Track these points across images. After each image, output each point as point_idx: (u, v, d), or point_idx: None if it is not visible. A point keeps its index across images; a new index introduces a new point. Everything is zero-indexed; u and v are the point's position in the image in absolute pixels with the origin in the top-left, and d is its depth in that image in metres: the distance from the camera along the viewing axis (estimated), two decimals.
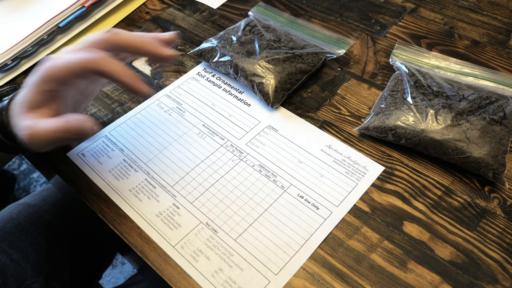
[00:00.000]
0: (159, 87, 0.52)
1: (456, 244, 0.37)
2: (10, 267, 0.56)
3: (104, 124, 0.48)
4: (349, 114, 0.48)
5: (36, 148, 0.36)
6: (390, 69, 0.52)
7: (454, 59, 0.50)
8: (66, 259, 0.64)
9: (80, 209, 0.50)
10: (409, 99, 0.44)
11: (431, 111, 0.43)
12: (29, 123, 0.34)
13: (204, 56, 0.53)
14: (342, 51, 0.52)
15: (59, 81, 0.35)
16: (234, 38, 0.52)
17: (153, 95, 0.50)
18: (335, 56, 0.52)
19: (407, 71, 0.47)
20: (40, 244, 0.60)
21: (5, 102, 0.38)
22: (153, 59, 0.39)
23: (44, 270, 0.58)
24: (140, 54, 0.38)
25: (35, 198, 0.67)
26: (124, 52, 0.38)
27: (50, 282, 0.57)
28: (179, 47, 0.56)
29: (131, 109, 0.49)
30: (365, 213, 0.40)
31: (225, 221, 0.39)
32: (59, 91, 0.36)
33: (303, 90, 0.50)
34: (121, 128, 0.47)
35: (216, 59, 0.51)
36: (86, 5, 0.58)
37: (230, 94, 0.50)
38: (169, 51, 0.38)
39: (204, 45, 0.53)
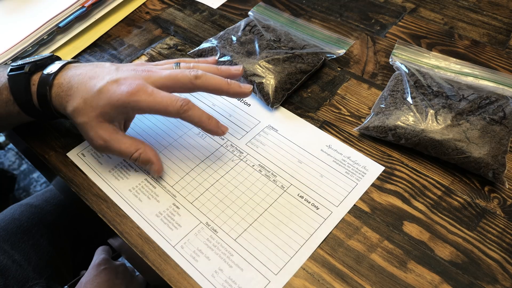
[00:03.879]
0: None
1: (456, 244, 0.37)
2: (11, 269, 0.56)
3: None
4: (349, 114, 0.48)
5: (97, 149, 0.42)
6: (390, 69, 0.52)
7: (454, 59, 0.50)
8: (68, 260, 0.64)
9: (80, 210, 0.50)
10: (409, 99, 0.44)
11: (431, 111, 0.43)
12: (107, 137, 0.40)
13: (204, 56, 0.52)
14: (342, 51, 0.52)
15: (139, 112, 0.40)
16: (234, 38, 0.52)
17: None
18: (335, 56, 0.52)
19: (407, 71, 0.47)
20: (42, 246, 0.60)
21: (50, 78, 0.40)
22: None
23: (46, 272, 0.58)
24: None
25: (38, 199, 0.66)
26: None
27: (51, 284, 0.57)
28: (179, 47, 0.56)
29: None
30: (365, 213, 0.40)
31: (225, 221, 0.39)
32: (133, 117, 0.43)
33: (303, 90, 0.50)
34: None
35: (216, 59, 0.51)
36: (86, 5, 0.58)
37: None
38: (249, 88, 0.43)
39: (204, 45, 0.53)
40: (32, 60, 0.42)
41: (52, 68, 0.41)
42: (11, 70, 0.41)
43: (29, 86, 0.40)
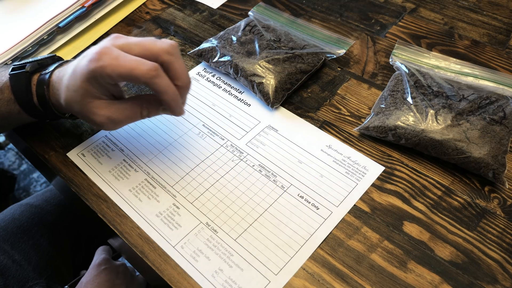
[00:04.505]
0: None
1: (456, 244, 0.37)
2: (11, 269, 0.56)
3: None
4: (349, 114, 0.48)
5: (109, 129, 0.41)
6: (390, 69, 0.52)
7: (454, 59, 0.50)
8: (68, 260, 0.64)
9: (80, 210, 0.50)
10: (409, 99, 0.44)
11: (431, 111, 0.43)
12: (107, 113, 0.38)
13: (204, 56, 0.53)
14: (342, 51, 0.52)
15: (108, 79, 0.36)
16: (234, 38, 0.52)
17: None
18: (335, 56, 0.52)
19: (407, 71, 0.47)
20: (42, 246, 0.60)
21: (46, 76, 0.40)
22: (170, 109, 0.39)
23: (46, 272, 0.58)
24: (166, 103, 0.38)
25: (38, 199, 0.66)
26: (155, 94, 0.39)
27: (52, 284, 0.57)
28: (179, 47, 0.56)
29: None
30: (365, 213, 0.40)
31: (225, 221, 0.39)
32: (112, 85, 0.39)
33: (303, 90, 0.50)
34: (121, 128, 0.47)
35: (216, 59, 0.51)
36: (86, 5, 0.58)
37: (230, 94, 0.50)
38: (182, 113, 0.40)
39: (204, 45, 0.53)
40: (34, 60, 0.42)
41: (50, 68, 0.41)
42: (13, 70, 0.41)
43: (30, 86, 0.40)
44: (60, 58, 0.44)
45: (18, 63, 0.42)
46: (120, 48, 0.36)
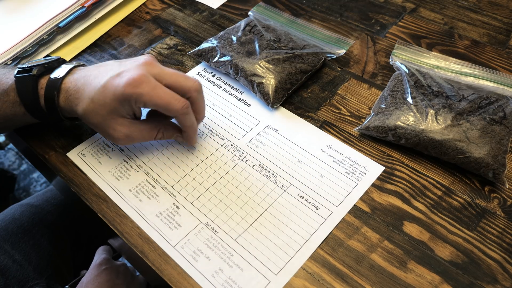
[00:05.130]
0: None
1: (456, 244, 0.37)
2: (12, 269, 0.56)
3: None
4: (349, 114, 0.48)
5: (121, 144, 0.44)
6: (390, 69, 0.52)
7: (454, 59, 0.50)
8: (69, 260, 0.64)
9: (80, 210, 0.50)
10: (409, 99, 0.44)
11: (431, 111, 0.43)
12: (126, 131, 0.40)
13: (204, 56, 0.53)
14: (342, 51, 0.52)
15: (142, 105, 0.39)
16: (234, 38, 0.52)
17: None
18: (335, 56, 0.52)
19: (407, 71, 0.47)
20: (43, 246, 0.60)
21: (58, 82, 0.40)
22: (186, 138, 0.43)
23: (46, 272, 0.58)
24: (186, 135, 0.43)
25: (38, 199, 0.66)
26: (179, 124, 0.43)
27: (52, 284, 0.57)
28: (179, 47, 0.56)
29: None
30: (365, 213, 0.40)
31: (225, 221, 0.39)
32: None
33: (303, 90, 0.50)
34: None
35: (216, 59, 0.51)
36: (86, 5, 0.58)
37: (230, 94, 0.50)
38: (194, 142, 0.44)
39: (204, 45, 0.53)
40: (40, 63, 0.42)
41: (59, 73, 0.41)
42: (19, 72, 0.41)
43: (37, 89, 0.41)
44: (64, 61, 0.44)
45: (23, 66, 0.42)
46: (154, 77, 0.39)
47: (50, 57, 0.44)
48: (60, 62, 0.43)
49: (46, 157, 0.45)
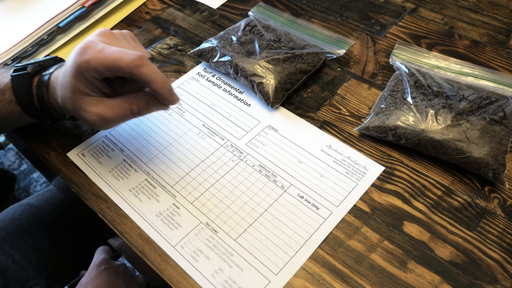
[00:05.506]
0: None
1: (456, 244, 0.37)
2: (11, 269, 0.56)
3: None
4: (349, 114, 0.48)
5: (101, 128, 0.43)
6: (390, 69, 0.52)
7: (454, 59, 0.50)
8: (68, 261, 0.64)
9: (80, 210, 0.50)
10: (409, 99, 0.44)
11: (431, 111, 0.43)
12: (96, 110, 0.37)
13: (204, 56, 0.53)
14: (342, 51, 0.52)
15: (94, 73, 0.36)
16: (234, 38, 0.52)
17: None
18: (335, 56, 0.52)
19: (407, 71, 0.47)
20: (42, 246, 0.60)
21: (46, 77, 0.40)
22: (161, 99, 0.38)
23: (46, 272, 0.58)
24: (156, 91, 0.37)
25: (38, 199, 0.66)
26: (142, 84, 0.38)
27: (52, 284, 0.57)
28: (179, 47, 0.56)
29: None
30: (365, 213, 0.40)
31: (225, 221, 0.39)
32: (100, 80, 0.38)
33: (303, 90, 0.50)
34: (121, 128, 0.47)
35: (216, 59, 0.51)
36: (86, 5, 0.58)
37: (230, 94, 0.50)
38: (176, 100, 0.38)
39: (204, 45, 0.53)
40: (36, 61, 0.42)
41: (50, 70, 0.41)
42: (15, 71, 0.41)
43: (31, 87, 0.41)
44: (61, 60, 0.44)
45: (19, 64, 0.42)
46: (104, 42, 0.36)
47: (48, 57, 0.44)
48: (56, 60, 0.43)
49: (46, 157, 0.45)
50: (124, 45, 0.38)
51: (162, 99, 0.38)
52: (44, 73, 0.41)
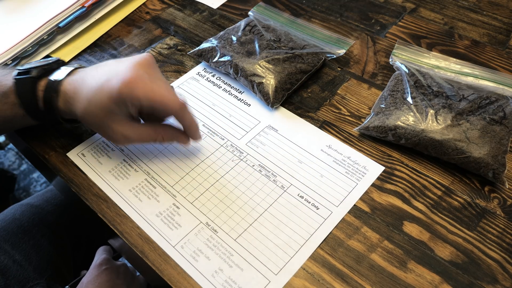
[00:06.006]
0: None
1: (456, 244, 0.37)
2: (12, 269, 0.56)
3: None
4: (349, 114, 0.48)
5: (119, 145, 0.45)
6: (390, 69, 0.52)
7: (454, 59, 0.50)
8: (69, 261, 0.64)
9: (80, 210, 0.50)
10: (409, 99, 0.44)
11: (431, 111, 0.43)
12: (124, 132, 0.40)
13: (204, 56, 0.53)
14: (342, 51, 0.52)
15: (138, 104, 0.38)
16: (234, 38, 0.52)
17: None
18: (335, 56, 0.52)
19: (407, 71, 0.47)
20: (43, 246, 0.60)
21: (57, 84, 0.40)
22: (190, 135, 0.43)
23: (46, 272, 0.58)
24: (190, 134, 0.42)
25: (39, 199, 0.66)
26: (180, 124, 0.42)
27: (52, 284, 0.57)
28: (179, 47, 0.56)
29: None
30: (365, 213, 0.40)
31: (225, 221, 0.39)
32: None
33: (303, 90, 0.50)
34: None
35: (216, 59, 0.51)
36: (86, 5, 0.58)
37: (230, 94, 0.50)
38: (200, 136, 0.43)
39: (204, 45, 0.53)
40: (39, 64, 0.42)
41: (58, 75, 0.41)
42: (18, 74, 0.41)
43: (36, 91, 0.41)
44: (64, 63, 0.44)
45: (22, 67, 0.42)
46: (151, 73, 0.39)
47: (49, 58, 0.44)
48: (59, 63, 0.43)
49: (46, 157, 0.45)
50: (160, 76, 0.40)
51: (192, 137, 0.42)
52: (51, 78, 0.41)
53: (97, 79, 0.39)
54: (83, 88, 0.39)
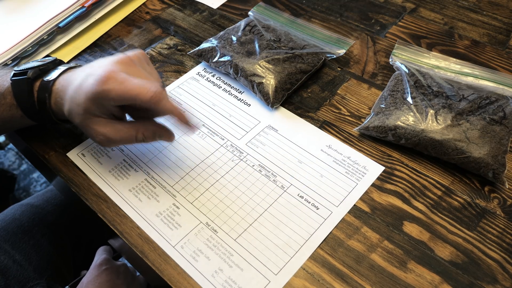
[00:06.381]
0: None
1: (456, 244, 0.37)
2: (12, 269, 0.56)
3: None
4: (349, 114, 0.48)
5: (105, 146, 0.43)
6: (390, 69, 0.52)
7: (454, 59, 0.50)
8: (69, 261, 0.64)
9: (80, 210, 0.50)
10: (409, 99, 0.44)
11: (431, 111, 0.43)
12: (103, 131, 0.38)
13: (204, 56, 0.53)
14: (342, 51, 0.52)
15: (113, 102, 0.37)
16: (234, 38, 0.52)
17: None
18: (335, 56, 0.52)
19: (407, 71, 0.47)
20: (43, 246, 0.60)
21: (49, 83, 0.40)
22: (181, 126, 0.40)
23: (47, 272, 0.58)
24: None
25: (39, 199, 0.66)
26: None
27: (52, 284, 0.57)
28: (179, 47, 0.56)
29: None
30: (365, 213, 0.40)
31: (225, 221, 0.39)
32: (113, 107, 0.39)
33: (303, 90, 0.50)
34: None
35: (216, 59, 0.51)
36: (86, 5, 0.58)
37: (230, 94, 0.50)
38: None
39: (204, 45, 0.53)
40: (35, 65, 0.42)
41: (52, 75, 0.41)
42: (15, 75, 0.41)
43: (32, 92, 0.41)
44: (61, 62, 0.44)
45: (19, 68, 0.42)
46: (126, 69, 0.38)
47: (47, 58, 0.44)
48: (56, 63, 0.43)
49: (46, 157, 0.45)
50: (141, 72, 0.39)
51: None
52: (45, 77, 0.41)
53: (79, 79, 0.38)
54: (69, 88, 0.39)
